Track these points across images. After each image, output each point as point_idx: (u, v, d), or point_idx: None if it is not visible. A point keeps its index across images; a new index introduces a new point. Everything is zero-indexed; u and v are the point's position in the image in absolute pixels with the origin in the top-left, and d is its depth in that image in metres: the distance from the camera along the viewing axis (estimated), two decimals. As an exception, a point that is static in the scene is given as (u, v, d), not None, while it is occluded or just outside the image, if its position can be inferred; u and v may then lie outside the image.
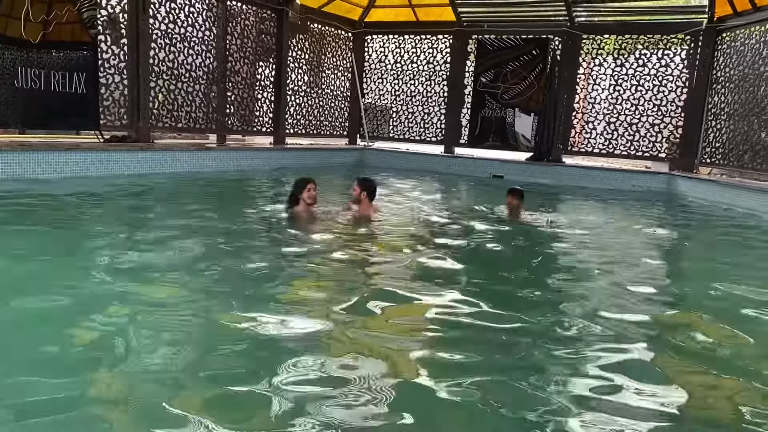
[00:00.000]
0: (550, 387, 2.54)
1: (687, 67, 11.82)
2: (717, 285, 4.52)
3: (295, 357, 2.65)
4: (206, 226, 5.68)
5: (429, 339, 3.08)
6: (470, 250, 5.48)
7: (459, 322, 3.32)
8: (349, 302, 3.49)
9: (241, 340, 2.88)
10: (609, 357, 2.89)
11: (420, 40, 14.37)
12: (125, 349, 2.67)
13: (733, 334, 3.39)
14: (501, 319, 3.36)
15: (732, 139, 10.77)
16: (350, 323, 3.14)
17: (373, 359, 2.71)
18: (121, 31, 9.32)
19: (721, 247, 6.81)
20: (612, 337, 3.18)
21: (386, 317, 3.34)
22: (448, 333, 3.20)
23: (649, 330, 3.42)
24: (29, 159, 7.63)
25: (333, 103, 14.54)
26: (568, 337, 3.18)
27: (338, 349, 2.80)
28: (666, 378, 2.77)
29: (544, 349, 2.97)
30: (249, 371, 2.55)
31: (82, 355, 2.64)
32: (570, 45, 12.75)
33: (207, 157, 10.16)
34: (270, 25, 12.24)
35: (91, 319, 2.99)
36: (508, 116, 13.33)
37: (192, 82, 10.63)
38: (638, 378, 2.66)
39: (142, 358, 2.60)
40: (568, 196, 10.71)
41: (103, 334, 2.87)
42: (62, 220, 5.65)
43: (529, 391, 2.49)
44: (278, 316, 3.19)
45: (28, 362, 2.51)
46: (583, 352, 2.97)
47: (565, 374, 2.68)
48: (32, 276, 3.72)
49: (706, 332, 3.41)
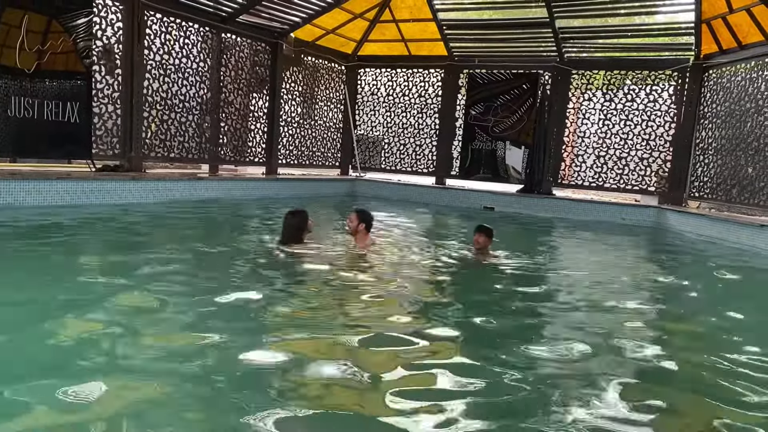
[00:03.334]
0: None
1: (675, 103, 12.03)
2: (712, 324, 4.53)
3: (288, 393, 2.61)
4: (195, 257, 5.63)
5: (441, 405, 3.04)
6: (454, 286, 5.42)
7: (463, 385, 3.12)
8: (349, 339, 3.45)
9: (235, 371, 2.84)
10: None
11: (412, 74, 14.55)
12: (113, 380, 2.62)
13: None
14: (489, 362, 3.33)
15: (720, 174, 10.91)
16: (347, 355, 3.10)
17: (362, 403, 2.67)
18: (115, 62, 9.38)
19: (711, 280, 6.83)
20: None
21: (385, 360, 3.29)
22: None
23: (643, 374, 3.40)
24: (19, 188, 7.58)
25: (325, 134, 14.63)
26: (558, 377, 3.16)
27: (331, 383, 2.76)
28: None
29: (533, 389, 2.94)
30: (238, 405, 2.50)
31: (74, 393, 2.58)
32: (560, 80, 12.96)
33: (199, 187, 10.14)
34: (264, 57, 12.37)
35: (78, 357, 2.94)
36: (499, 149, 13.45)
37: (185, 112, 10.67)
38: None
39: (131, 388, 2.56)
40: (559, 228, 10.75)
41: (85, 369, 2.82)
42: (48, 251, 5.58)
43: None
44: (275, 353, 3.14)
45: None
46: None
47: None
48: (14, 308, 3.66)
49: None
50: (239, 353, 3.05)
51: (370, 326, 3.80)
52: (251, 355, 3.06)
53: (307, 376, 2.86)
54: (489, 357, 3.29)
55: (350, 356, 3.17)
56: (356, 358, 3.15)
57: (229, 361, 2.97)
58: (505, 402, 2.75)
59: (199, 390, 2.65)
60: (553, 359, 3.37)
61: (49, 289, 4.10)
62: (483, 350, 3.44)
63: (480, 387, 2.87)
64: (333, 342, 3.39)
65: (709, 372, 3.35)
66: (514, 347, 3.49)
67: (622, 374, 3.19)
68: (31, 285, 4.18)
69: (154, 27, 9.87)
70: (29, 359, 2.85)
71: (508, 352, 3.40)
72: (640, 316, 4.71)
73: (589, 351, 3.51)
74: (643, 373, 3.29)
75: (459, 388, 2.86)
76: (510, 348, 3.48)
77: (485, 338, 3.75)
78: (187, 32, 10.51)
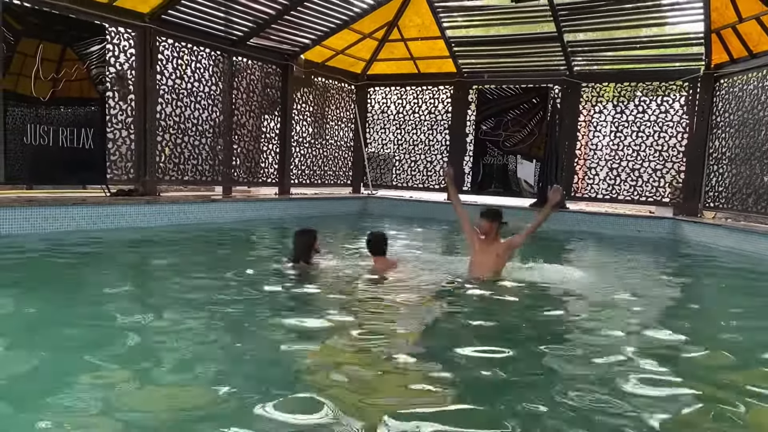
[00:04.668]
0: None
1: (687, 113, 11.97)
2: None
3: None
4: (211, 281, 5.63)
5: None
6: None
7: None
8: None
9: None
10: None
11: (421, 91, 14.62)
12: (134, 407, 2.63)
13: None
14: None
15: (735, 183, 10.80)
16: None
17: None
18: (128, 87, 9.50)
19: (730, 292, 6.72)
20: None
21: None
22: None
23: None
24: (36, 215, 7.67)
25: (337, 153, 14.70)
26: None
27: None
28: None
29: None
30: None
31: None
32: (570, 93, 12.95)
33: (213, 209, 10.21)
34: (275, 79, 12.49)
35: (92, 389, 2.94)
36: (510, 163, 13.43)
37: (198, 135, 10.78)
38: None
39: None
40: (574, 242, 10.67)
41: (107, 398, 2.82)
42: (67, 276, 5.62)
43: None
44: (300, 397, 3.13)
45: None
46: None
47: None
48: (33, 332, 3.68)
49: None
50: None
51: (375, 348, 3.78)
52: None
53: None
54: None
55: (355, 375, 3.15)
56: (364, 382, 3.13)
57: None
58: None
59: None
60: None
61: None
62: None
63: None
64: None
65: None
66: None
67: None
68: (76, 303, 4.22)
69: (166, 52, 10.01)
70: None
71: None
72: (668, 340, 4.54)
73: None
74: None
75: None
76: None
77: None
78: (198, 56, 10.65)
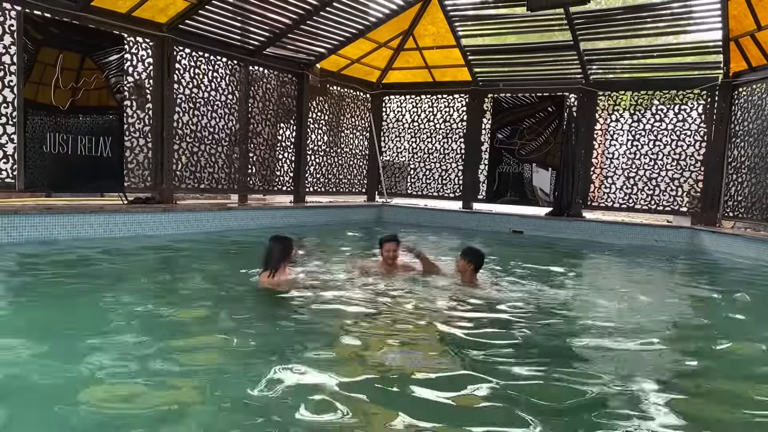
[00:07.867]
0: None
1: (705, 122, 11.84)
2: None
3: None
4: (226, 287, 5.66)
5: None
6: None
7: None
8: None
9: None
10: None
11: (437, 100, 14.62)
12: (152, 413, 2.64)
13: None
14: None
15: (754, 193, 10.65)
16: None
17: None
18: (146, 96, 9.61)
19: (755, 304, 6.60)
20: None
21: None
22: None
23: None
24: (54, 222, 7.77)
25: (352, 162, 14.74)
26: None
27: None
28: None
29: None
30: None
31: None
32: (586, 101, 12.89)
33: (228, 217, 10.27)
34: (291, 88, 12.57)
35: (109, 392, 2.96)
36: (526, 172, 13.37)
37: (215, 144, 10.86)
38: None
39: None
40: (591, 252, 10.55)
41: (125, 398, 2.84)
42: (85, 284, 5.67)
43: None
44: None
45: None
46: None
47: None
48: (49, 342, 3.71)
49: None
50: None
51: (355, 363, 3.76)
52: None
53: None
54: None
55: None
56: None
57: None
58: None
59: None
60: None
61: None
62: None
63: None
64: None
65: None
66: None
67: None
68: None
69: (184, 62, 10.12)
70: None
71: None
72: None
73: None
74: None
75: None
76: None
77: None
78: (215, 66, 10.75)
